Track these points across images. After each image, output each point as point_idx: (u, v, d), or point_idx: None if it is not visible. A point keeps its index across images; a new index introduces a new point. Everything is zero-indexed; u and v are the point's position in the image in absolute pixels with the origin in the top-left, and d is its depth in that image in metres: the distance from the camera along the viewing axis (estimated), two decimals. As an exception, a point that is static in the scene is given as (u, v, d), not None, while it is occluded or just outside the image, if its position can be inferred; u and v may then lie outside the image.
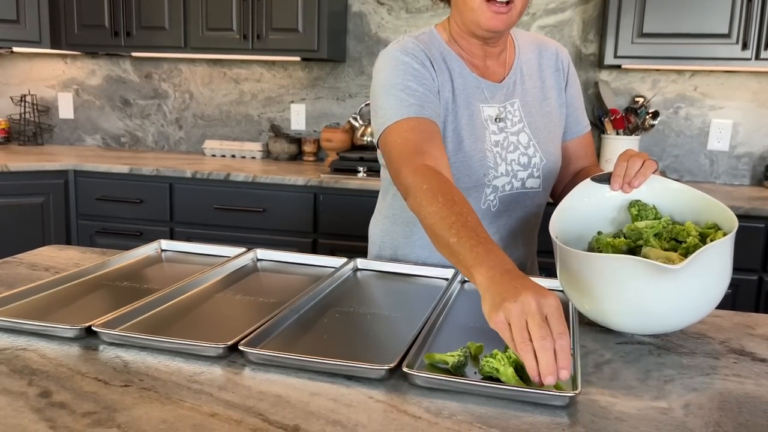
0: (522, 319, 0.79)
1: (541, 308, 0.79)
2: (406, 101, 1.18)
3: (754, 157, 2.95)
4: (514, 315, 0.79)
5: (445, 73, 1.25)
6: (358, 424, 0.72)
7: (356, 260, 1.32)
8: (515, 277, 0.85)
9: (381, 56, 1.26)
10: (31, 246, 2.76)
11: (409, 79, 1.20)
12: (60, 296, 1.09)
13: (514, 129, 1.30)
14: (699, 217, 1.08)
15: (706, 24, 2.58)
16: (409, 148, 1.14)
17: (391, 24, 3.23)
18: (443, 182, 1.06)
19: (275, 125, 3.42)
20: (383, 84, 1.22)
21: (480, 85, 1.28)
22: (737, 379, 0.88)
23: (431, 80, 1.22)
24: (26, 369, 0.83)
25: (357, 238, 2.68)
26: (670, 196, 1.12)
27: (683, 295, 0.93)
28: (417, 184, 1.07)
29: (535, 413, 0.76)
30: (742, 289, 2.42)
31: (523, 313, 0.79)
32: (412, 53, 1.23)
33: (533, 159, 1.30)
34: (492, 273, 0.86)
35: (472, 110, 1.26)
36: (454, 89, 1.25)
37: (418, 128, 1.16)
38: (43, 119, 3.76)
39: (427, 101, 1.19)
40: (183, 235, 2.92)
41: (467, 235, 0.94)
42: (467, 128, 1.25)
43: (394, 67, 1.22)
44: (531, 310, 0.79)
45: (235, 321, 1.01)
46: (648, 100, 2.96)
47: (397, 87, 1.20)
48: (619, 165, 1.13)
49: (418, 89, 1.20)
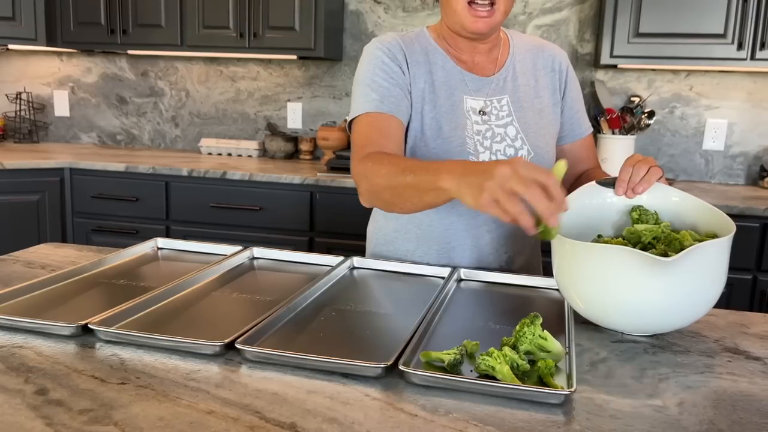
0: (506, 188, 0.85)
1: (517, 171, 0.85)
2: (368, 96, 1.27)
3: (748, 157, 2.96)
4: (497, 188, 0.85)
5: (422, 65, 1.31)
6: (354, 421, 0.72)
7: (353, 258, 1.33)
8: (478, 164, 0.93)
9: (363, 50, 1.35)
10: (27, 244, 2.76)
11: (377, 73, 1.28)
12: (56, 294, 1.09)
13: (501, 122, 1.32)
14: (699, 226, 1.08)
15: (701, 24, 2.58)
16: (362, 143, 1.23)
17: (388, 23, 3.23)
18: (387, 154, 1.16)
19: (272, 123, 3.42)
20: (356, 78, 1.32)
21: (464, 78, 1.33)
22: (731, 377, 0.88)
23: (399, 73, 1.28)
24: (23, 366, 0.83)
25: (353, 237, 2.68)
26: (671, 204, 1.12)
27: (675, 292, 0.93)
28: (362, 170, 1.16)
29: (531, 411, 0.76)
30: (736, 288, 2.44)
31: (503, 181, 0.85)
32: (386, 47, 1.30)
33: (520, 151, 1.32)
34: (456, 172, 0.94)
35: (453, 100, 1.31)
36: (433, 81, 1.31)
37: (375, 125, 1.24)
38: (38, 117, 3.75)
39: (388, 95, 1.26)
40: (179, 233, 2.91)
41: (419, 167, 1.03)
42: (447, 116, 1.30)
43: (368, 62, 1.30)
44: (508, 175, 0.85)
45: (231, 319, 1.01)
46: (644, 99, 2.96)
47: (364, 82, 1.28)
48: (625, 170, 1.13)
49: (382, 84, 1.27)
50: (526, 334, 0.87)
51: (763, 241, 2.41)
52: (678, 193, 1.12)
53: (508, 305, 1.14)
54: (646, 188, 1.11)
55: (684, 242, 0.99)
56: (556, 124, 1.39)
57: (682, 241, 1.00)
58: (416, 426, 0.72)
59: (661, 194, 1.13)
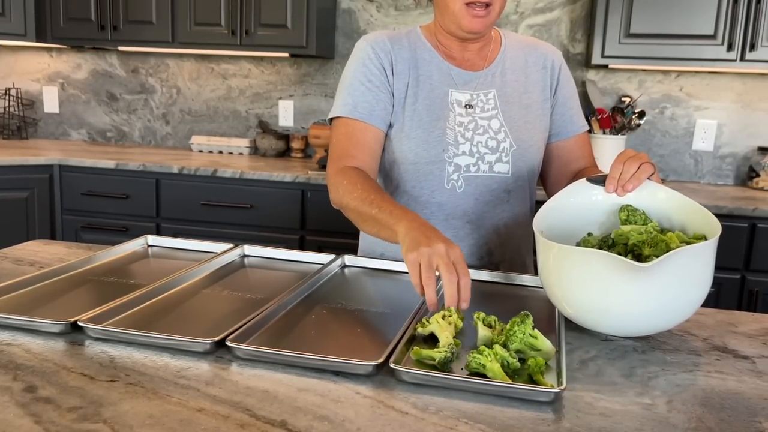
0: (432, 260, 0.96)
1: (449, 255, 0.96)
2: (345, 100, 1.33)
3: (737, 158, 2.98)
4: (426, 256, 0.96)
5: (407, 62, 1.35)
6: (345, 419, 0.72)
7: (344, 257, 1.33)
8: (430, 229, 1.03)
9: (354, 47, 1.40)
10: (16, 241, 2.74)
11: (356, 77, 1.33)
12: (45, 291, 1.08)
13: (486, 115, 1.34)
14: (687, 226, 1.07)
15: (692, 25, 2.60)
16: (338, 151, 1.32)
17: (380, 21, 3.23)
18: (362, 176, 1.24)
19: (263, 121, 3.41)
20: (342, 75, 1.38)
21: (451, 73, 1.35)
22: (720, 375, 0.89)
23: (380, 76, 1.33)
24: (11, 364, 0.83)
25: (344, 235, 2.68)
26: (658, 202, 1.10)
27: (656, 296, 0.91)
28: (338, 181, 1.25)
29: (521, 409, 0.76)
30: (725, 287, 2.45)
31: (433, 255, 0.96)
32: (371, 45, 1.34)
33: (502, 144, 1.34)
34: (411, 224, 1.04)
35: (437, 93, 1.34)
36: (418, 75, 1.35)
37: (352, 136, 1.32)
38: (27, 113, 3.72)
39: (363, 102, 1.32)
40: (170, 230, 2.90)
41: (386, 206, 1.13)
42: (428, 109, 1.33)
43: (352, 62, 1.36)
44: (441, 253, 0.96)
45: (222, 317, 1.01)
46: (634, 99, 2.98)
47: (344, 83, 1.35)
48: (615, 167, 1.12)
49: (359, 89, 1.33)
50: (516, 333, 0.87)
51: (752, 241, 2.43)
52: (665, 191, 1.10)
53: (498, 304, 1.14)
54: (636, 186, 1.10)
55: (671, 244, 0.98)
56: (544, 120, 1.39)
57: (669, 243, 0.98)
58: (407, 423, 0.72)
59: (647, 192, 1.11)
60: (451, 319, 0.94)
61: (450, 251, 0.96)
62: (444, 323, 0.93)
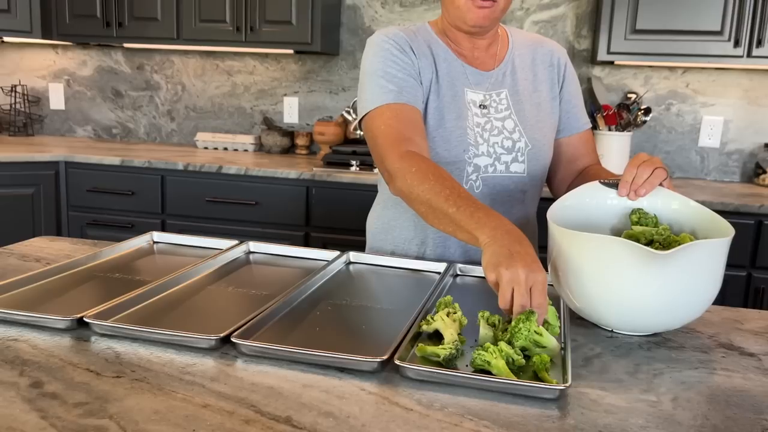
0: (510, 286, 0.90)
1: (528, 281, 0.90)
2: (385, 87, 1.26)
3: (744, 154, 2.97)
4: (504, 281, 0.91)
5: (427, 57, 1.32)
6: (350, 415, 0.72)
7: (349, 253, 1.33)
8: (515, 241, 0.95)
9: (367, 43, 1.34)
10: (22, 237, 2.75)
11: (389, 65, 1.27)
12: (51, 287, 1.09)
13: (500, 115, 1.34)
14: (698, 231, 1.08)
15: (698, 21, 2.59)
16: (393, 135, 1.21)
17: (385, 17, 3.22)
18: (430, 164, 1.15)
19: (268, 118, 3.41)
20: (366, 70, 1.30)
21: (465, 71, 1.34)
22: (725, 373, 0.89)
23: (411, 64, 1.29)
24: (18, 359, 0.83)
25: (349, 232, 2.68)
26: (671, 211, 1.11)
27: (670, 289, 0.92)
28: (405, 168, 1.15)
29: (526, 406, 0.76)
30: (731, 284, 2.44)
31: (511, 281, 0.90)
32: (393, 39, 1.30)
33: (518, 143, 1.34)
34: (495, 233, 0.97)
35: (455, 91, 1.32)
36: (437, 71, 1.32)
37: (401, 115, 1.24)
38: (33, 110, 3.73)
39: (406, 86, 1.26)
40: (175, 227, 2.91)
41: (465, 204, 1.04)
42: (449, 107, 1.31)
43: (376, 54, 1.30)
44: (519, 281, 0.90)
45: (227, 313, 1.01)
46: (640, 96, 2.97)
47: (378, 73, 1.28)
48: (629, 171, 1.12)
49: (397, 75, 1.27)
50: (521, 330, 0.87)
51: (758, 238, 2.42)
52: (679, 199, 1.11)
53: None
54: (649, 190, 1.11)
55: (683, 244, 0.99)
56: (554, 117, 1.40)
57: (681, 243, 0.99)
58: (411, 420, 0.72)
59: (661, 200, 1.12)
60: (455, 316, 0.95)
61: (529, 278, 0.90)
62: (449, 320, 0.93)
